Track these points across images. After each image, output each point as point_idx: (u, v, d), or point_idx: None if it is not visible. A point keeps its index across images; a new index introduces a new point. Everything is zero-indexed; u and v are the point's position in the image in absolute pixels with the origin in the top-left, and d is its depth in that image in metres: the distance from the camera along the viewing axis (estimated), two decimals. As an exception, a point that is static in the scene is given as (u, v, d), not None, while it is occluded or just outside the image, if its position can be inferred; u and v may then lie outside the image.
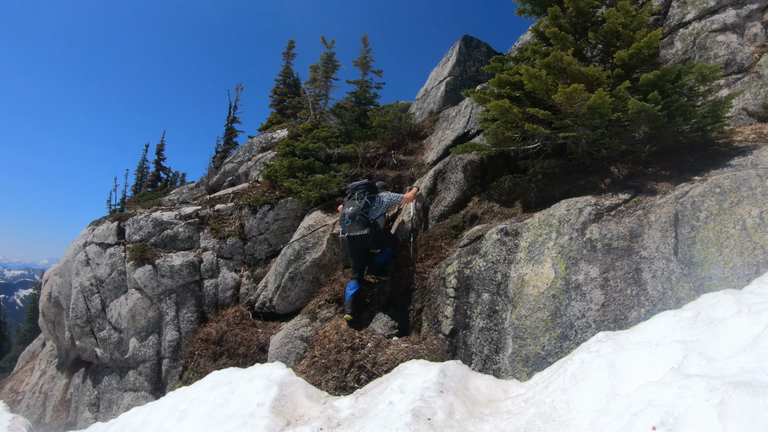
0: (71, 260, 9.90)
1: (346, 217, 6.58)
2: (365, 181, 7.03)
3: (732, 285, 3.62)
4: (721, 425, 2.06)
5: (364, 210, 6.63)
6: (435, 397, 3.55)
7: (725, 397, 2.16)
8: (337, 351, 5.92)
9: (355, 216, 6.51)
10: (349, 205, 6.73)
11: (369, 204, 6.71)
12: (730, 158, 4.84)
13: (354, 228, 6.53)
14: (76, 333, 9.13)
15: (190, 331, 8.18)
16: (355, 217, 6.51)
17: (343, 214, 6.69)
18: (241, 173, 13.82)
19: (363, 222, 6.55)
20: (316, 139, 9.59)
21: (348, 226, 6.56)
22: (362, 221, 6.55)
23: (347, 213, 6.63)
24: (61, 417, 9.74)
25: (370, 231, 6.58)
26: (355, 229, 6.53)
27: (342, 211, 6.81)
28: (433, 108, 10.92)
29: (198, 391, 5.41)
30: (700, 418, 2.16)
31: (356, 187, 6.96)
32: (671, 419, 2.25)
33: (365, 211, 6.63)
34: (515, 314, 4.60)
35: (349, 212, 6.59)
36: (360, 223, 6.54)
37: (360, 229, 6.53)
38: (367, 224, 6.57)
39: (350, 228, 6.55)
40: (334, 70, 11.72)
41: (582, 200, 4.87)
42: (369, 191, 6.86)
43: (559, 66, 5.25)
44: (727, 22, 6.26)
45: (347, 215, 6.60)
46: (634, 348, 3.13)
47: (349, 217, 6.56)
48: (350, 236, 6.60)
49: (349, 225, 6.53)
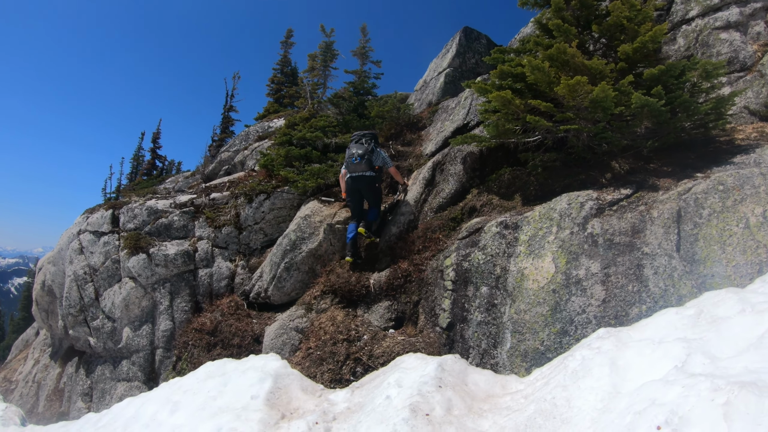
0: (65, 248, 9.80)
1: (355, 155, 7.03)
2: (372, 131, 7.55)
3: (735, 283, 3.59)
4: (727, 425, 2.03)
5: (371, 153, 7.08)
6: (433, 392, 3.51)
7: (731, 397, 2.13)
8: (332, 343, 5.88)
9: (364, 156, 7.00)
10: (356, 147, 7.13)
11: (374, 150, 7.18)
12: (733, 156, 4.80)
13: (360, 167, 6.95)
14: (70, 322, 9.05)
15: (184, 321, 8.12)
16: (364, 157, 6.99)
17: (350, 153, 7.14)
18: (237, 162, 13.72)
19: (369, 164, 6.99)
20: (314, 128, 9.51)
21: (355, 164, 6.99)
22: (369, 163, 6.99)
23: (355, 153, 7.05)
24: (54, 406, 9.67)
25: (374, 174, 7.03)
26: (361, 168, 6.94)
27: (349, 152, 7.24)
28: (431, 99, 10.84)
29: (191, 382, 5.36)
30: (706, 417, 2.13)
31: (363, 134, 7.40)
32: (676, 418, 2.22)
33: (371, 155, 7.09)
34: (514, 308, 4.56)
35: (359, 152, 7.02)
36: (367, 164, 6.97)
37: (365, 170, 6.95)
38: (372, 167, 7.02)
39: (357, 166, 6.96)
40: (333, 59, 11.60)
41: (583, 194, 4.82)
42: (373, 139, 7.37)
43: (562, 58, 5.18)
44: (731, 20, 6.20)
45: (356, 154, 7.02)
46: (635, 345, 3.09)
47: (358, 155, 7.00)
48: (354, 176, 6.97)
49: (356, 163, 6.99)
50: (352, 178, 6.99)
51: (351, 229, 7.13)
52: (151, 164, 24.67)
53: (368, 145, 7.15)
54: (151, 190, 12.02)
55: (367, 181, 6.99)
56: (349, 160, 7.10)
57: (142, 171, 24.48)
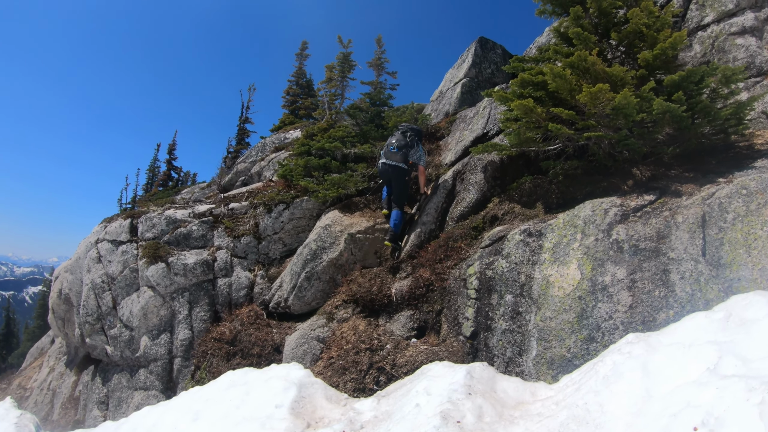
0: (83, 257, 9.89)
1: (394, 144, 7.44)
2: (418, 127, 7.92)
3: (761, 286, 3.56)
4: (763, 424, 2.06)
5: (409, 148, 7.43)
6: (463, 400, 3.51)
7: (766, 396, 2.16)
8: (355, 352, 5.88)
9: (401, 148, 7.27)
10: (398, 138, 7.52)
11: (413, 146, 7.51)
12: (754, 160, 4.79)
13: (396, 157, 7.34)
14: (87, 330, 9.12)
15: (203, 331, 8.16)
16: (402, 149, 7.27)
17: (390, 142, 7.57)
18: (254, 173, 13.83)
19: (404, 156, 7.36)
20: (333, 138, 9.57)
21: (391, 153, 7.39)
22: (404, 156, 7.36)
23: (394, 142, 7.47)
24: (69, 414, 9.72)
25: (407, 168, 7.38)
26: (395, 158, 7.33)
27: (390, 139, 7.68)
28: (448, 109, 10.87)
29: (212, 391, 5.37)
30: (742, 417, 2.16)
31: (410, 127, 7.76)
32: (712, 419, 2.25)
33: (409, 149, 7.43)
34: (540, 316, 4.55)
35: (397, 143, 7.43)
36: (402, 156, 7.35)
37: (399, 161, 7.32)
38: (406, 161, 7.37)
39: (392, 155, 7.36)
40: (351, 69, 11.69)
41: (607, 201, 4.83)
42: (417, 136, 7.70)
43: (583, 66, 5.21)
44: (746, 25, 6.21)
45: (394, 143, 7.43)
46: (666, 349, 3.09)
47: (397, 146, 7.39)
48: (387, 163, 7.36)
49: (393, 152, 7.38)
50: (385, 164, 7.43)
51: (386, 190, 7.79)
52: (167, 175, 24.84)
53: (410, 140, 7.50)
54: (170, 199, 12.13)
55: (397, 172, 7.35)
56: (387, 146, 7.55)
57: (158, 182, 24.63)
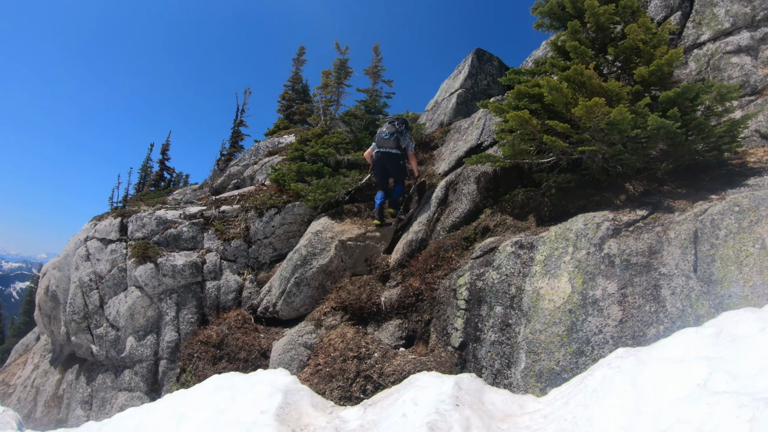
0: (71, 254, 9.78)
1: (385, 132, 7.95)
2: (404, 117, 8.60)
3: (752, 303, 3.56)
4: (753, 440, 2.04)
5: (399, 134, 7.96)
6: (451, 411, 3.46)
7: (756, 413, 2.14)
8: (342, 360, 5.82)
9: (392, 134, 7.91)
10: (387, 127, 8.04)
11: (402, 133, 8.04)
12: (746, 178, 4.83)
13: (389, 143, 7.88)
14: (72, 328, 8.99)
15: (190, 333, 8.06)
16: (394, 135, 7.91)
17: (381, 132, 8.07)
18: (246, 176, 13.78)
19: (397, 142, 7.91)
20: (327, 144, 9.57)
21: (384, 140, 7.91)
22: (396, 141, 7.91)
23: (385, 131, 7.98)
24: (52, 413, 9.56)
25: (400, 152, 7.97)
26: (389, 145, 7.89)
27: (380, 130, 8.16)
28: (443, 119, 10.91)
29: (197, 395, 5.28)
30: (732, 434, 2.14)
31: (396, 117, 8.36)
32: (702, 435, 2.22)
33: (399, 135, 7.95)
34: (529, 328, 4.53)
35: (388, 132, 7.95)
36: (395, 142, 7.89)
37: (392, 147, 7.89)
38: (398, 146, 7.95)
39: (386, 142, 7.89)
40: (347, 76, 11.72)
41: (599, 215, 4.83)
42: (404, 124, 8.20)
43: (579, 79, 5.24)
44: (741, 44, 6.27)
45: (386, 132, 7.96)
46: (656, 364, 3.07)
47: (389, 133, 7.91)
48: (382, 151, 7.92)
49: (386, 139, 7.90)
50: (380, 152, 7.94)
51: (379, 197, 8.02)
52: (159, 175, 24.73)
53: (399, 127, 8.03)
54: (161, 200, 12.04)
55: (393, 158, 7.92)
56: (379, 136, 8.00)
57: (150, 182, 24.52)
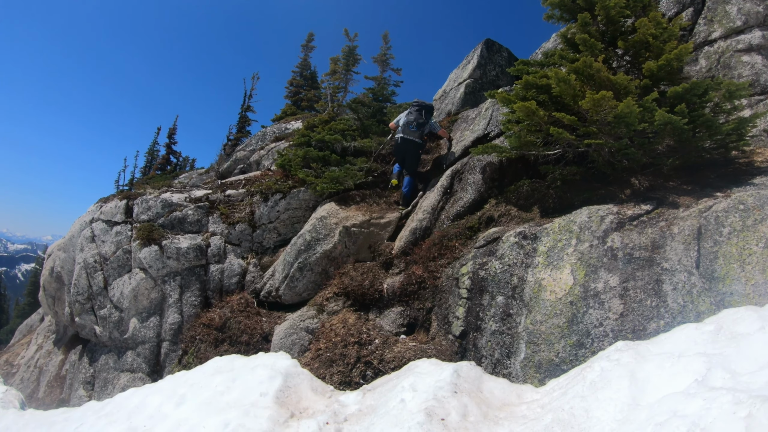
0: (76, 236, 9.83)
1: (413, 123, 8.37)
2: (430, 103, 8.79)
3: (753, 302, 3.56)
4: (749, 437, 2.05)
5: (425, 126, 8.43)
6: (449, 398, 3.50)
7: (753, 410, 2.14)
8: (343, 345, 5.87)
9: (419, 126, 8.36)
10: (415, 116, 8.43)
11: (426, 122, 8.48)
12: (752, 177, 4.79)
13: (414, 134, 8.32)
14: (76, 309, 9.07)
15: (193, 316, 8.13)
16: (419, 127, 8.36)
17: (408, 120, 8.46)
18: (252, 161, 13.78)
19: (421, 133, 8.38)
20: (333, 131, 9.55)
21: (411, 131, 8.32)
22: (420, 132, 8.37)
23: (411, 120, 8.41)
24: (54, 393, 9.68)
25: (421, 142, 8.43)
26: (413, 135, 8.32)
27: (405, 117, 8.57)
28: (451, 109, 10.85)
29: (198, 376, 5.33)
30: (728, 429, 2.15)
31: (422, 104, 8.64)
32: (698, 430, 2.23)
33: (424, 126, 8.42)
34: (530, 319, 4.55)
35: (415, 122, 8.37)
36: (419, 133, 8.35)
37: (416, 137, 8.33)
38: (422, 137, 8.43)
39: (411, 133, 8.32)
40: (355, 63, 11.64)
41: (604, 208, 4.83)
42: (428, 112, 8.62)
43: (588, 72, 5.20)
44: (753, 43, 6.19)
45: (412, 121, 8.38)
46: (655, 359, 3.08)
47: (415, 124, 8.35)
48: (405, 138, 8.32)
49: (412, 131, 8.32)
50: (403, 139, 8.34)
51: (397, 168, 8.64)
52: (165, 159, 24.67)
53: (425, 119, 8.43)
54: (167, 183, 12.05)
55: (413, 146, 8.33)
56: (407, 125, 8.39)
57: (156, 165, 24.48)
